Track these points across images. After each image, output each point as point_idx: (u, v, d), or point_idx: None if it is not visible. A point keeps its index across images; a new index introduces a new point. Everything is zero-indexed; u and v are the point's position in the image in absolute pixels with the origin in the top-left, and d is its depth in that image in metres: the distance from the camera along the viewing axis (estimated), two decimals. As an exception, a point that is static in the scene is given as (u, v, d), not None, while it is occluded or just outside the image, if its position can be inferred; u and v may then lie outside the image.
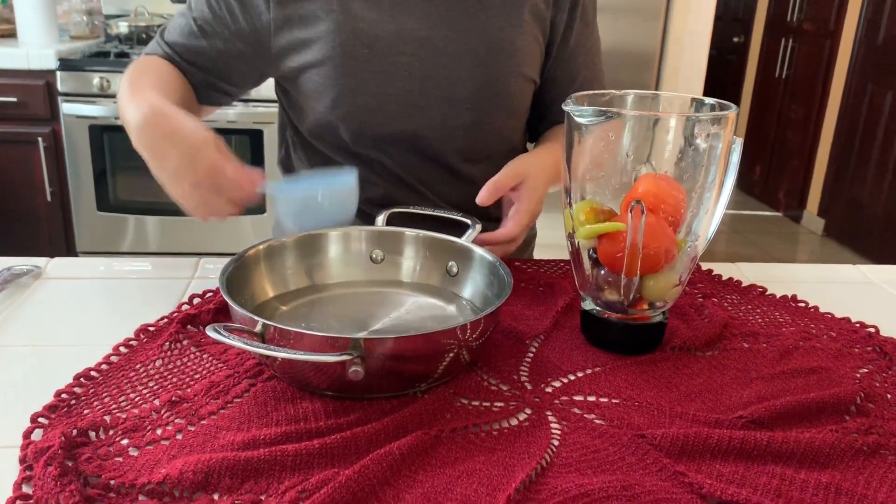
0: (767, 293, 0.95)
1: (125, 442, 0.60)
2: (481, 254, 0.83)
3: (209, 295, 0.87)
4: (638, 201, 0.70)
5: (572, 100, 0.75)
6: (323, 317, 0.81)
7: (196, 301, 0.86)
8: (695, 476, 0.58)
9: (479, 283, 0.83)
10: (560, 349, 0.78)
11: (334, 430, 0.61)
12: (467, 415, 0.66)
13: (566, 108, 0.73)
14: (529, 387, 0.71)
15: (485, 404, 0.68)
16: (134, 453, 0.59)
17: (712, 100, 0.76)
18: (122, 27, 2.91)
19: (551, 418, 0.66)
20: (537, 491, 0.56)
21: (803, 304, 0.92)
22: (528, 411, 0.67)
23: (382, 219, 0.93)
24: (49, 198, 2.69)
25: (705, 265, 1.03)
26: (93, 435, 0.61)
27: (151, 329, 0.79)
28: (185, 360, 0.73)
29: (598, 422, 0.66)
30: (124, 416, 0.64)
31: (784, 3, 4.62)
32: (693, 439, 0.61)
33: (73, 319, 0.83)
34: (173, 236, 2.76)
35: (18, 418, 0.63)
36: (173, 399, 0.66)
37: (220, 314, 0.82)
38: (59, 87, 2.55)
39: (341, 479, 0.54)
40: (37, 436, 0.61)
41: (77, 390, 0.67)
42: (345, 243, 0.88)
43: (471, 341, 0.68)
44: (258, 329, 0.65)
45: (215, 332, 0.62)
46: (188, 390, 0.68)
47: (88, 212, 2.70)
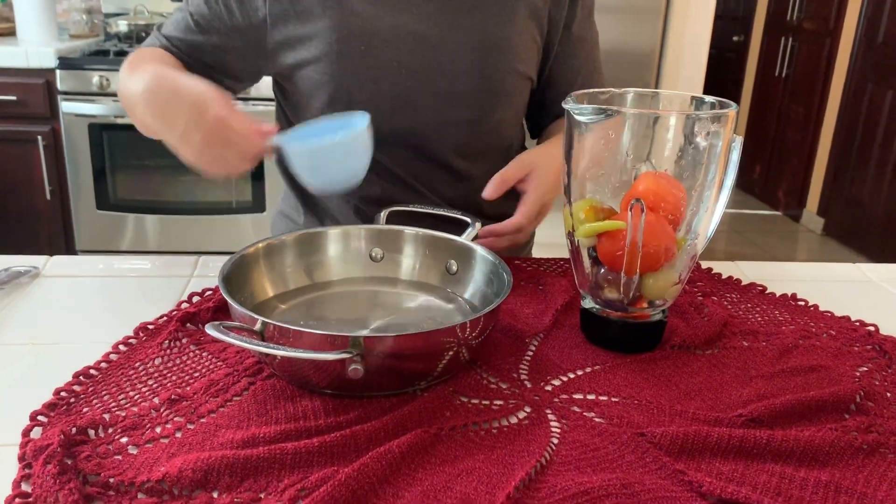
0: (767, 292, 0.95)
1: (124, 440, 0.60)
2: (481, 252, 0.83)
3: (208, 293, 0.87)
4: (638, 199, 0.70)
5: (572, 98, 0.75)
6: (322, 315, 0.81)
7: (195, 299, 0.86)
8: (694, 474, 0.58)
9: (479, 282, 0.83)
10: (559, 347, 0.78)
11: (334, 429, 0.61)
12: (467, 413, 0.66)
13: (566, 106, 0.73)
14: (529, 385, 0.71)
15: (484, 402, 0.68)
16: (133, 451, 0.59)
17: (712, 98, 0.76)
18: (122, 26, 2.91)
19: (551, 416, 0.66)
20: (537, 489, 0.56)
21: (803, 303, 0.92)
22: (528, 409, 0.67)
23: (382, 217, 0.93)
24: (48, 196, 2.69)
25: (705, 264, 1.03)
26: (92, 433, 0.61)
27: (151, 327, 0.79)
28: (184, 358, 0.73)
29: (597, 420, 0.66)
30: (123, 414, 0.64)
31: (784, 1, 4.62)
32: (692, 437, 0.61)
33: (72, 318, 0.83)
34: (173, 235, 2.76)
35: (18, 416, 0.63)
36: (173, 397, 0.66)
37: (220, 312, 0.82)
38: (59, 86, 2.55)
39: (341, 478, 0.54)
40: (36, 434, 0.61)
41: (76, 388, 0.67)
42: (344, 241, 0.88)
43: (470, 340, 0.68)
44: (257, 327, 0.65)
45: (215, 331, 0.62)
46: (187, 388, 0.68)
47: (88, 210, 2.70)
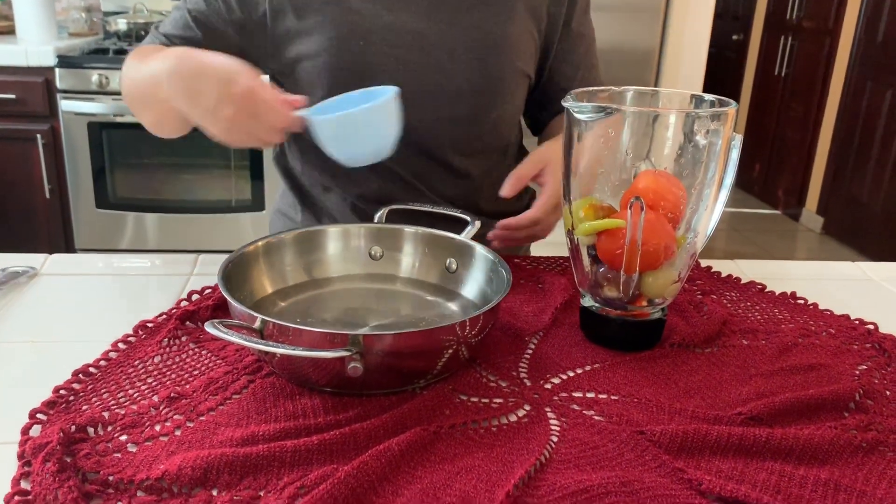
0: (766, 290, 0.95)
1: (124, 438, 0.60)
2: (480, 251, 0.83)
3: (208, 291, 0.87)
4: (637, 198, 0.70)
5: (572, 96, 0.75)
6: (321, 313, 0.81)
7: (195, 297, 0.86)
8: (694, 472, 0.58)
9: (478, 280, 0.83)
10: (559, 346, 0.78)
11: (333, 427, 0.61)
12: (466, 411, 0.66)
13: (566, 104, 0.73)
14: (528, 383, 0.71)
15: (484, 401, 0.68)
16: (132, 449, 0.59)
17: (712, 96, 0.76)
18: (121, 24, 2.91)
19: (550, 415, 0.66)
20: (536, 487, 0.56)
21: (802, 301, 0.92)
22: (527, 408, 0.67)
23: (381, 215, 0.93)
24: (48, 195, 2.69)
25: (704, 262, 1.03)
26: (91, 431, 0.61)
27: (150, 325, 0.79)
28: (183, 356, 0.73)
29: (596, 418, 0.66)
30: (123, 412, 0.64)
31: (783, 0, 4.62)
32: (692, 436, 0.61)
33: (71, 316, 0.83)
34: (172, 233, 2.76)
35: (17, 414, 0.63)
36: (172, 395, 0.66)
37: (219, 311, 0.82)
38: (58, 84, 2.55)
39: (340, 476, 0.54)
40: (35, 432, 0.61)
41: (76, 386, 0.67)
42: (344, 240, 0.88)
43: (470, 338, 0.68)
44: (257, 325, 0.65)
45: (214, 329, 0.61)
46: (187, 387, 0.68)
47: (87, 209, 2.70)
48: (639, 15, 2.72)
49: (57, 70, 2.54)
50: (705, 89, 2.73)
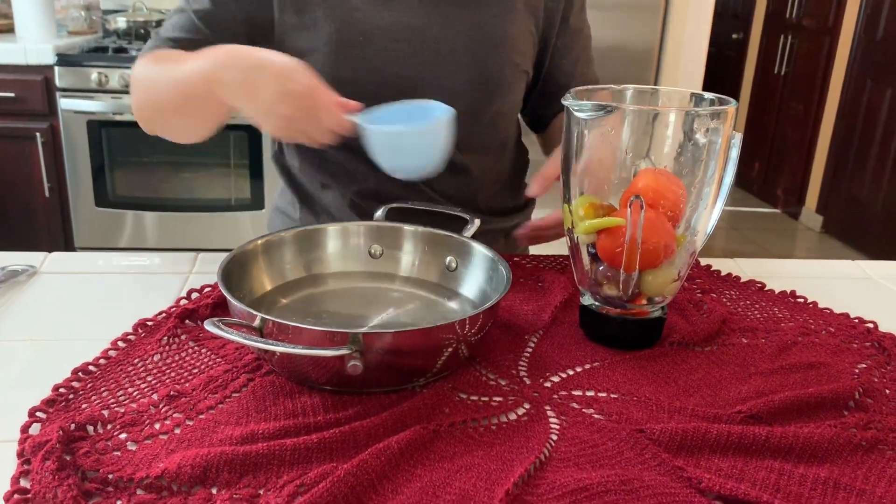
0: (766, 289, 0.95)
1: (123, 436, 0.60)
2: (480, 249, 0.83)
3: (207, 290, 0.87)
4: (637, 196, 0.70)
5: (571, 94, 0.75)
6: (321, 311, 0.81)
7: (194, 296, 0.86)
8: (693, 471, 0.58)
9: (478, 279, 0.83)
10: (559, 344, 0.78)
11: (333, 425, 0.61)
12: (466, 409, 0.66)
13: (565, 102, 0.73)
14: (528, 382, 0.71)
15: (483, 399, 0.68)
16: (132, 448, 0.59)
17: (711, 95, 0.76)
18: (120, 22, 2.90)
19: (550, 413, 0.66)
20: (536, 485, 0.56)
21: (802, 300, 0.92)
22: (527, 406, 0.67)
23: (381, 214, 0.93)
24: (47, 193, 2.68)
25: (704, 261, 1.03)
26: (91, 429, 0.61)
27: (149, 324, 0.79)
28: (183, 354, 0.73)
29: (596, 416, 0.66)
30: (122, 410, 0.64)
31: (783, -1, 4.62)
32: (692, 434, 0.62)
33: (71, 314, 0.83)
34: (171, 232, 2.76)
35: (16, 412, 0.63)
36: (171, 394, 0.66)
37: (219, 309, 0.82)
38: (57, 83, 2.55)
39: (340, 474, 0.54)
40: (35, 430, 0.61)
41: (75, 385, 0.67)
42: (344, 238, 0.88)
43: (469, 336, 0.68)
44: (256, 323, 0.65)
45: (213, 327, 0.61)
46: (186, 385, 0.68)
47: (86, 207, 2.70)
48: (639, 13, 2.72)
49: (56, 68, 2.53)
50: (705, 88, 2.73)
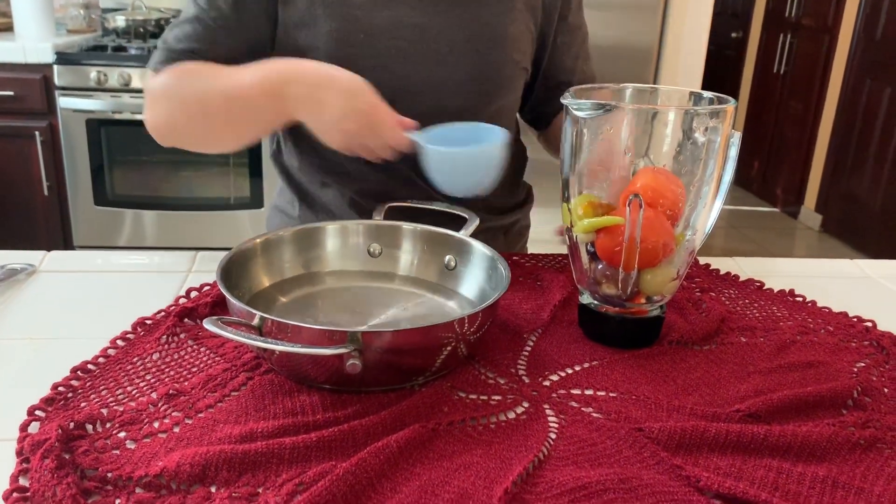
0: (765, 287, 0.95)
1: (122, 435, 0.60)
2: (479, 248, 0.83)
3: (206, 288, 0.87)
4: (636, 195, 0.70)
5: (570, 93, 0.75)
6: (320, 310, 0.81)
7: (193, 294, 0.86)
8: (692, 469, 0.58)
9: (477, 278, 0.83)
10: (558, 343, 0.78)
11: (332, 424, 0.61)
12: (465, 408, 0.66)
13: (564, 101, 0.73)
14: (527, 380, 0.71)
15: (482, 398, 0.68)
16: (131, 446, 0.59)
17: (711, 93, 0.76)
18: (119, 21, 2.90)
19: (549, 412, 0.66)
20: (534, 484, 0.57)
21: (801, 299, 0.92)
22: (526, 405, 0.67)
23: (380, 213, 0.93)
24: (46, 192, 2.68)
25: (703, 260, 1.03)
26: (90, 428, 0.61)
27: (149, 322, 0.79)
28: (182, 353, 0.73)
29: (595, 415, 0.66)
30: (121, 409, 0.64)
31: (782, -2, 4.62)
32: (690, 433, 0.62)
33: (70, 313, 0.83)
34: (171, 231, 2.76)
35: (15, 411, 0.63)
36: (170, 392, 0.66)
37: (218, 308, 0.82)
38: (56, 81, 2.55)
39: (339, 472, 0.54)
40: (34, 428, 0.61)
41: (74, 383, 0.67)
42: (342, 237, 0.88)
43: (468, 335, 0.68)
44: (256, 322, 0.65)
45: (213, 326, 0.61)
46: (185, 383, 0.68)
47: (85, 206, 2.70)
48: (638, 12, 2.72)
49: (55, 67, 2.53)
50: (704, 86, 2.73)
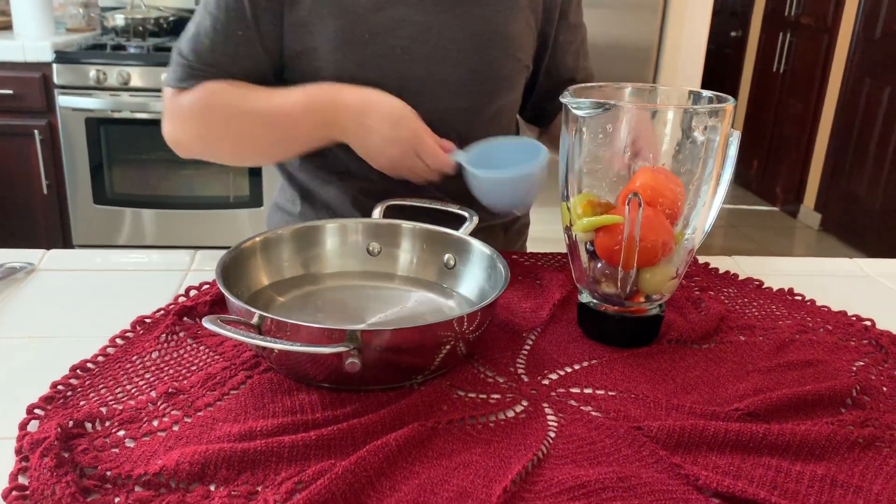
0: (764, 286, 0.95)
1: (121, 433, 0.60)
2: (478, 247, 0.83)
3: (206, 287, 0.87)
4: (635, 194, 0.70)
5: (570, 92, 0.75)
6: (319, 309, 0.81)
7: (192, 293, 0.86)
8: (691, 468, 0.58)
9: (476, 276, 0.83)
10: (557, 342, 0.78)
11: (331, 422, 0.62)
12: (464, 407, 0.66)
13: (564, 100, 0.73)
14: (526, 379, 0.71)
15: (481, 396, 0.68)
16: (130, 445, 0.59)
17: (710, 92, 0.76)
18: (119, 20, 2.89)
19: (548, 410, 0.66)
20: (533, 483, 0.57)
21: (800, 298, 0.92)
22: (525, 403, 0.67)
23: (379, 211, 0.93)
24: (45, 191, 2.68)
25: (702, 259, 1.03)
26: (89, 426, 0.61)
27: (148, 321, 0.79)
28: (181, 351, 0.73)
29: (594, 414, 0.66)
30: (121, 407, 0.64)
31: (782, -3, 4.62)
32: (689, 431, 0.62)
33: (69, 311, 0.83)
34: (170, 229, 2.76)
35: (15, 409, 0.63)
36: (170, 391, 0.66)
37: (217, 306, 0.82)
38: (56, 80, 2.54)
39: (338, 471, 0.54)
40: (33, 427, 0.61)
41: (73, 382, 0.67)
42: (341, 236, 0.88)
43: (467, 334, 0.68)
44: (255, 321, 0.65)
45: (212, 324, 0.61)
46: (185, 382, 0.68)
47: (85, 205, 2.70)
48: (637, 11, 2.72)
49: (54, 66, 2.53)
50: (703, 85, 2.73)
